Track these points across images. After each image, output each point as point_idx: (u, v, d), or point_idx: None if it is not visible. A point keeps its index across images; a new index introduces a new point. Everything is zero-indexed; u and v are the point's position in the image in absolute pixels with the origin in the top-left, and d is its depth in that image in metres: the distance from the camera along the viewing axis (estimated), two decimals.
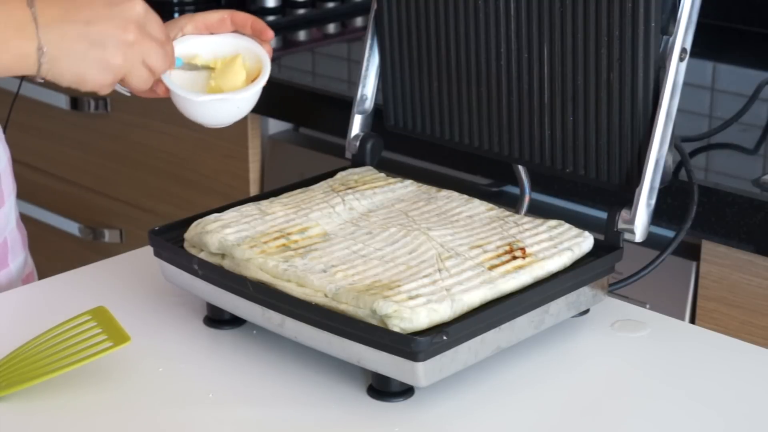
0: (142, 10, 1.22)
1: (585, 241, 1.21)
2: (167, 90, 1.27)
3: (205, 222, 1.23)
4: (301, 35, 2.28)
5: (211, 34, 1.31)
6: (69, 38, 1.19)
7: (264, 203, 1.28)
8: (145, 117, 2.25)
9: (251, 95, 1.28)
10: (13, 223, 1.44)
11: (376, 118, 1.43)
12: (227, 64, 1.29)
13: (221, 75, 1.29)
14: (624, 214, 1.22)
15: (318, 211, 1.26)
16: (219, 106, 1.27)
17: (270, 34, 1.33)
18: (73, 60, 1.19)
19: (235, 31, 1.32)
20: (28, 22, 1.17)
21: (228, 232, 1.20)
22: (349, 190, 1.31)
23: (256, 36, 1.32)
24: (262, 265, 1.16)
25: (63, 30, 1.18)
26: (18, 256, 1.44)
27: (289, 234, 1.21)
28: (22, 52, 1.18)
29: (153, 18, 1.24)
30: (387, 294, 1.09)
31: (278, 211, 1.25)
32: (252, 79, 1.28)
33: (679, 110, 1.21)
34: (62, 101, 2.35)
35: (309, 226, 1.23)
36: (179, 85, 1.27)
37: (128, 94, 1.32)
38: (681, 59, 1.20)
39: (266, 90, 2.06)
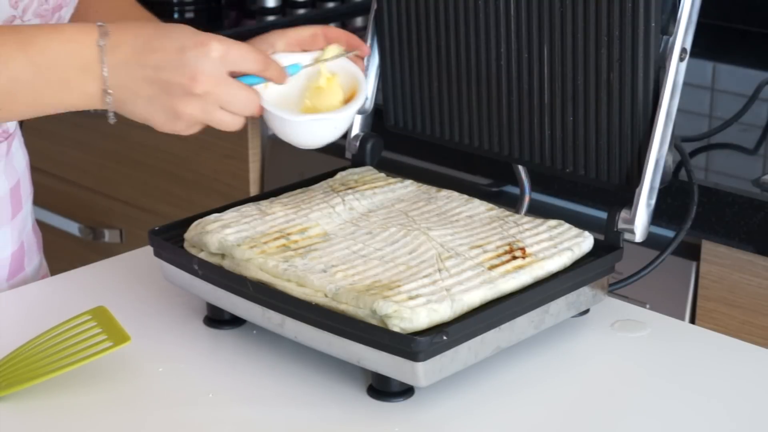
0: (218, 54, 1.13)
1: (585, 241, 1.21)
2: (261, 108, 1.19)
3: (205, 222, 1.23)
4: None
5: (304, 51, 1.27)
6: (136, 82, 1.14)
7: (264, 203, 1.28)
8: None
9: (349, 115, 1.24)
10: (29, 227, 1.44)
11: (376, 118, 1.43)
12: (326, 84, 1.25)
13: (317, 94, 1.24)
14: (624, 214, 1.22)
15: (318, 211, 1.26)
16: (317, 126, 1.22)
17: (366, 50, 1.29)
18: (141, 104, 1.15)
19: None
20: (95, 62, 1.13)
21: (228, 233, 1.20)
22: (349, 191, 1.31)
23: (351, 50, 1.27)
24: (262, 265, 1.16)
25: (131, 73, 1.14)
26: (33, 260, 1.44)
27: (289, 234, 1.21)
28: (87, 91, 1.14)
29: (235, 58, 1.15)
30: (387, 294, 1.09)
31: (278, 211, 1.25)
32: (347, 99, 1.24)
33: (679, 110, 1.21)
34: None
35: (309, 226, 1.23)
36: (273, 103, 1.21)
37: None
38: (681, 59, 1.20)
39: None
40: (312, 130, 1.22)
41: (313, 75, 1.25)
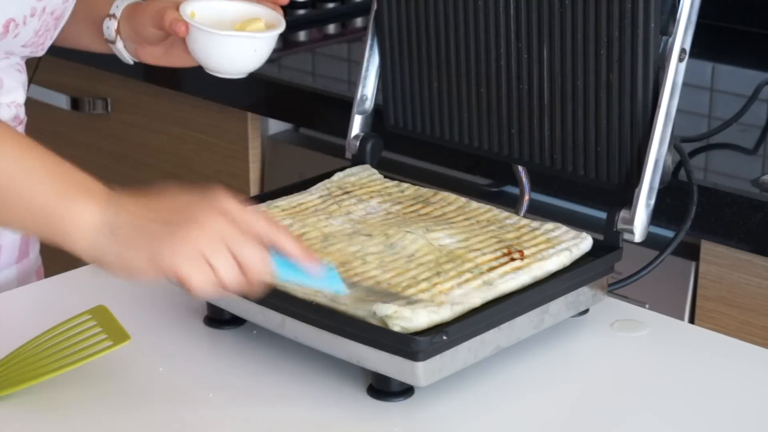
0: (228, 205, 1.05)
1: (583, 242, 1.22)
2: (187, 28, 1.27)
3: None
4: (301, 35, 2.28)
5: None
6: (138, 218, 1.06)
7: (262, 207, 1.28)
8: (145, 117, 2.25)
9: (270, 38, 1.30)
10: None
11: (376, 118, 1.43)
12: (247, 24, 1.31)
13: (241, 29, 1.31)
14: (623, 214, 1.22)
15: (314, 216, 1.26)
16: (239, 45, 1.28)
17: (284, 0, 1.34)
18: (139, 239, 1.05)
19: None
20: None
21: None
22: (346, 195, 1.31)
23: (271, 2, 1.34)
24: None
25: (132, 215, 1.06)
26: (35, 247, 1.47)
27: None
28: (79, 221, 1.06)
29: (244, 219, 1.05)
30: (386, 300, 1.09)
31: (276, 216, 1.25)
32: None
33: (678, 110, 1.21)
34: (63, 101, 2.35)
35: (306, 231, 1.23)
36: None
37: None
38: (680, 59, 1.20)
39: (266, 90, 2.06)
40: (234, 49, 1.29)
41: (239, 17, 1.32)
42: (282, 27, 1.31)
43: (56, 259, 1.67)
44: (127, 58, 1.42)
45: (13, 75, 1.36)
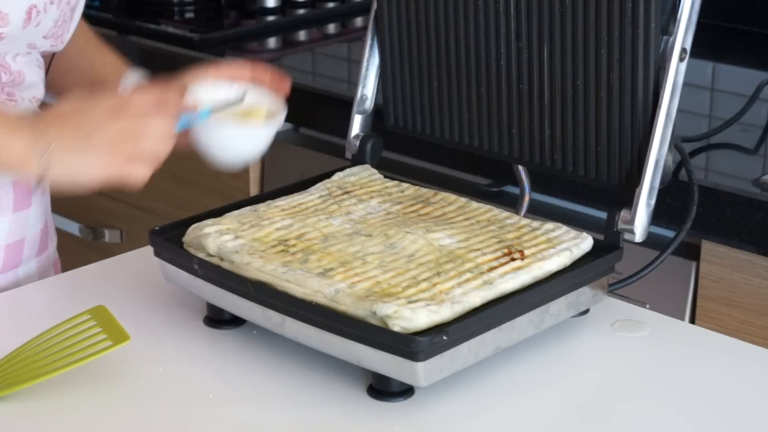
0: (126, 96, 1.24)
1: (584, 242, 1.21)
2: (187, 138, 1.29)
3: (203, 225, 1.23)
4: (301, 35, 2.28)
5: (231, 82, 1.33)
6: (63, 132, 1.22)
7: (261, 207, 1.28)
8: None
9: (271, 131, 1.29)
10: (49, 207, 1.50)
11: (376, 118, 1.43)
12: (247, 113, 1.31)
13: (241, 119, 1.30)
14: (624, 214, 1.22)
15: (314, 216, 1.26)
16: (240, 136, 1.28)
17: (288, 88, 1.35)
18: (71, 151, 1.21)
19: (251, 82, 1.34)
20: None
21: (226, 239, 1.20)
22: (346, 195, 1.30)
23: (274, 89, 1.34)
24: (261, 268, 1.16)
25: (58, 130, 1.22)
26: (53, 240, 1.49)
27: (286, 240, 1.21)
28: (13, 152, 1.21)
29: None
30: (386, 300, 1.09)
31: (275, 216, 1.25)
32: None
33: (679, 110, 1.21)
34: None
35: (306, 231, 1.23)
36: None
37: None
38: (681, 59, 1.20)
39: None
40: (235, 139, 1.28)
41: (240, 100, 1.31)
42: (283, 115, 1.30)
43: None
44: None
45: (35, 70, 1.38)
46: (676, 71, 1.20)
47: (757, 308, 1.56)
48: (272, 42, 2.23)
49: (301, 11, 2.33)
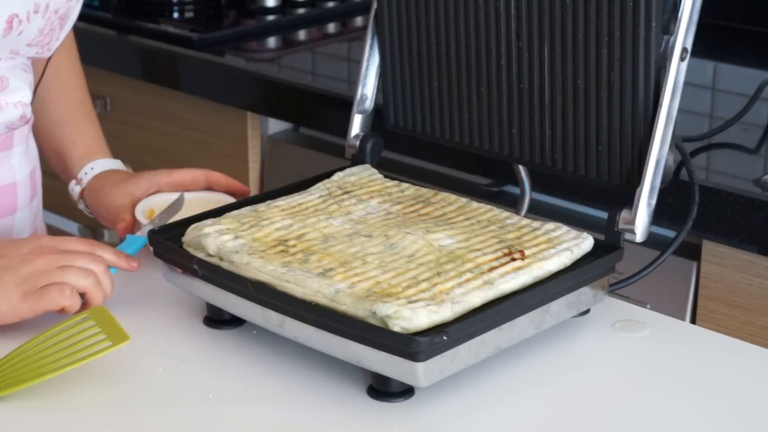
0: (48, 240, 1.23)
1: (584, 242, 1.21)
2: (125, 232, 1.35)
3: (202, 225, 1.23)
4: (301, 35, 2.28)
5: (186, 191, 1.39)
6: None
7: (261, 207, 1.28)
8: (144, 117, 2.25)
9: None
10: (41, 214, 1.51)
11: (376, 118, 1.43)
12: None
13: None
14: (624, 214, 1.21)
15: (314, 216, 1.25)
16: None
17: (246, 191, 1.40)
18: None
19: (209, 189, 1.40)
20: None
21: (225, 239, 1.20)
22: (346, 195, 1.30)
23: (232, 195, 1.39)
24: (261, 268, 1.16)
25: None
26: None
27: (286, 240, 1.20)
28: None
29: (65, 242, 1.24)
30: (386, 300, 1.09)
31: (275, 216, 1.25)
32: None
33: (679, 110, 1.21)
34: None
35: (306, 231, 1.22)
36: None
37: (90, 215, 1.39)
38: (682, 59, 1.20)
39: (266, 89, 2.06)
40: None
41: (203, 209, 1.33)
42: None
43: None
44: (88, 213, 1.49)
45: (19, 74, 1.37)
46: (676, 71, 1.19)
47: (758, 308, 1.56)
48: (272, 41, 2.23)
49: (301, 11, 2.33)
